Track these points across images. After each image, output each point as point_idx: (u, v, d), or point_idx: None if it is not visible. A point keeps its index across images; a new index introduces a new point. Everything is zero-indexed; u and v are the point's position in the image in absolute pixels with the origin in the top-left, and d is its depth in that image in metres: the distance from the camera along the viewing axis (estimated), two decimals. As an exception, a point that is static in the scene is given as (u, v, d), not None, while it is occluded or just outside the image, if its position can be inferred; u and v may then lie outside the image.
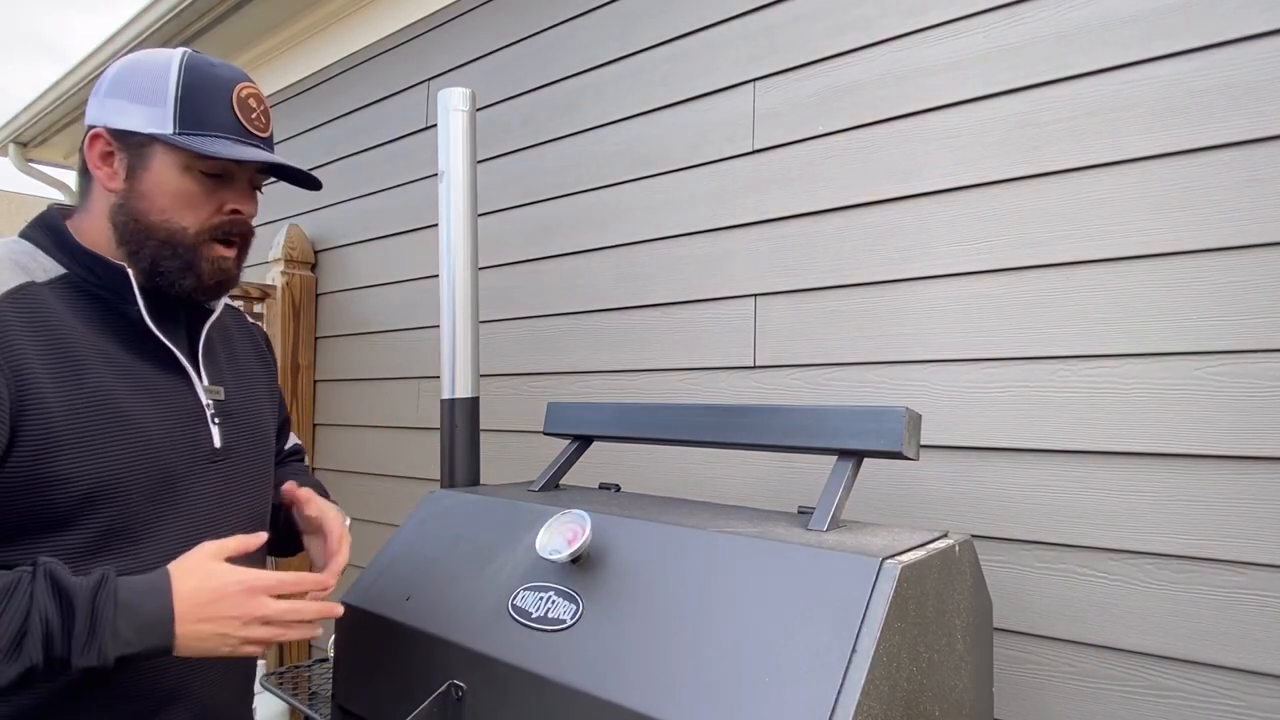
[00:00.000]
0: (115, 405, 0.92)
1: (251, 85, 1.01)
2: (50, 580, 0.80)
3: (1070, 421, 1.34)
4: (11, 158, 5.14)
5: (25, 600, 0.78)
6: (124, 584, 0.83)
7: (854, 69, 1.63)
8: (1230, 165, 1.23)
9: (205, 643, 0.85)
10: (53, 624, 0.78)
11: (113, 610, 0.80)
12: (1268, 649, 1.16)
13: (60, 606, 0.79)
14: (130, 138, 0.96)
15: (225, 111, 0.96)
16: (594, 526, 1.05)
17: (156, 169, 0.95)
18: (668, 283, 1.90)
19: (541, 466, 1.50)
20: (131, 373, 0.96)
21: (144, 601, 0.83)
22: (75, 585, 0.80)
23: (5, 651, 0.76)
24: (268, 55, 3.40)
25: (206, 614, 0.85)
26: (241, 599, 0.86)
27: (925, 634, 0.92)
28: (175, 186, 0.96)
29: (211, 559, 0.88)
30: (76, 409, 0.89)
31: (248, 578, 0.87)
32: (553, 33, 2.23)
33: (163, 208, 0.96)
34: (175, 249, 0.97)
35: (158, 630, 0.83)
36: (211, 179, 0.98)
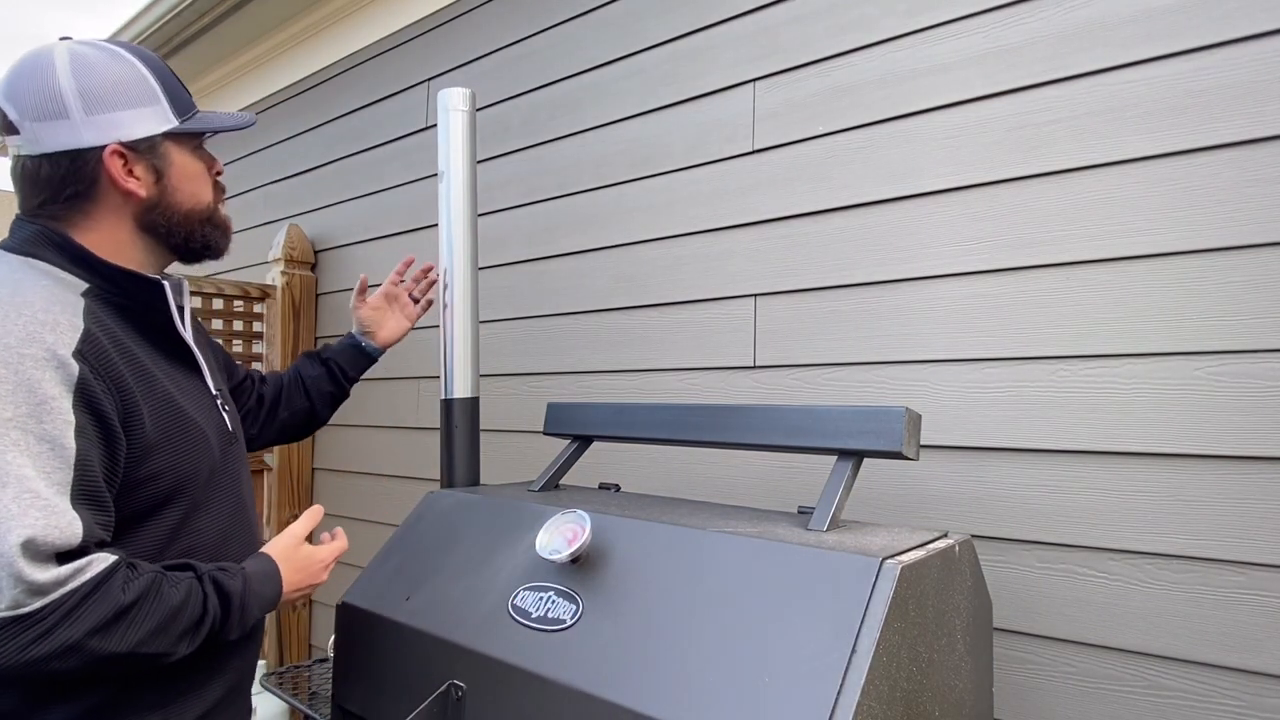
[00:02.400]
0: (178, 407, 1.03)
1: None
2: (215, 585, 0.98)
3: (1070, 421, 1.34)
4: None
5: (200, 602, 0.96)
6: (253, 577, 1.03)
7: (854, 69, 1.63)
8: (1230, 165, 1.23)
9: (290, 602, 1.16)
10: (218, 619, 0.98)
11: (253, 602, 1.02)
12: (1268, 649, 1.16)
13: (223, 605, 0.98)
14: (143, 144, 1.01)
15: (181, 87, 1.07)
16: (594, 526, 1.05)
17: (177, 161, 1.05)
18: (668, 283, 1.90)
19: (541, 466, 1.50)
20: (173, 374, 1.06)
21: (267, 589, 1.06)
22: (233, 589, 0.99)
23: (186, 635, 0.94)
24: (268, 55, 3.40)
25: (299, 586, 1.12)
26: (319, 573, 1.15)
27: (925, 634, 0.92)
28: (194, 169, 1.08)
29: (299, 543, 1.13)
30: (156, 413, 0.99)
31: (324, 556, 1.16)
32: (553, 32, 2.23)
33: (192, 192, 1.07)
34: (209, 219, 1.10)
35: (273, 604, 1.07)
36: (204, 152, 1.11)
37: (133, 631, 0.87)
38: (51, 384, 0.86)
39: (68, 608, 0.82)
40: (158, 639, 0.90)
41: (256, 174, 3.40)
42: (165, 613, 0.90)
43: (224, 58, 3.61)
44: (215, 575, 0.98)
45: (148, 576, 0.90)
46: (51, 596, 0.81)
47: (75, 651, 0.83)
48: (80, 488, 0.86)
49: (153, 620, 0.89)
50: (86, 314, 0.94)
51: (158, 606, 0.90)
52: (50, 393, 0.85)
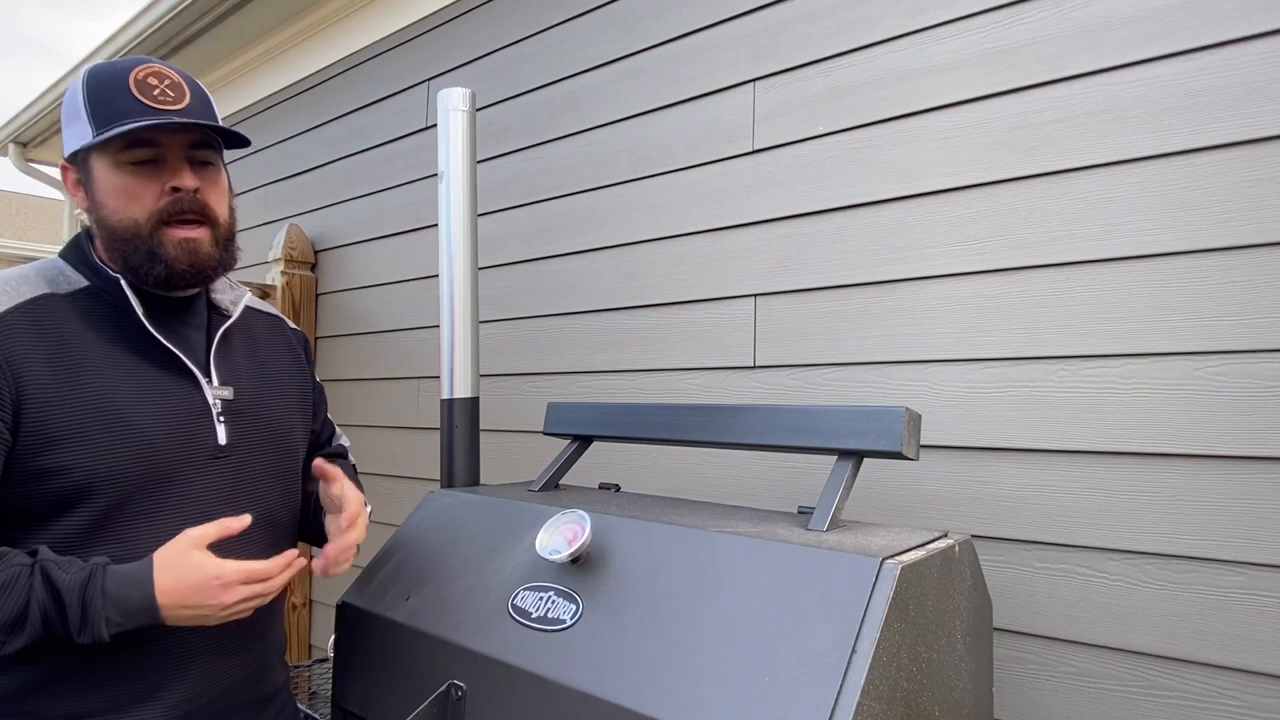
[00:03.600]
0: (112, 404, 1.00)
1: (151, 66, 1.04)
2: (44, 576, 0.92)
3: (1070, 421, 1.34)
4: (11, 158, 5.14)
5: (25, 592, 0.91)
6: (111, 576, 0.94)
7: (854, 69, 1.63)
8: (1230, 165, 1.23)
9: (185, 620, 0.98)
10: (49, 612, 0.91)
11: (100, 601, 0.92)
12: (1268, 649, 1.16)
13: (53, 599, 0.91)
14: (76, 158, 1.04)
15: (125, 99, 1.00)
16: (594, 526, 1.05)
17: (98, 175, 1.03)
18: (668, 283, 1.90)
19: (541, 466, 1.50)
20: (134, 374, 1.03)
21: (129, 593, 0.94)
22: (65, 582, 0.92)
23: (8, 629, 0.91)
24: (268, 55, 3.40)
25: (186, 603, 0.96)
26: (215, 591, 0.97)
27: (925, 634, 0.92)
28: (114, 184, 1.02)
29: (191, 549, 0.97)
30: (74, 407, 0.97)
31: (223, 572, 0.97)
32: (553, 33, 2.23)
33: (114, 208, 1.02)
34: (135, 243, 1.02)
35: (144, 614, 0.95)
36: (142, 167, 1.02)
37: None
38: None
39: None
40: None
41: (256, 174, 3.40)
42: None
43: (224, 58, 3.61)
44: (47, 565, 0.93)
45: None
46: None
47: None
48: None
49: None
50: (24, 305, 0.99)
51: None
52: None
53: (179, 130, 1.02)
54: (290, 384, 1.26)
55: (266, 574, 1.01)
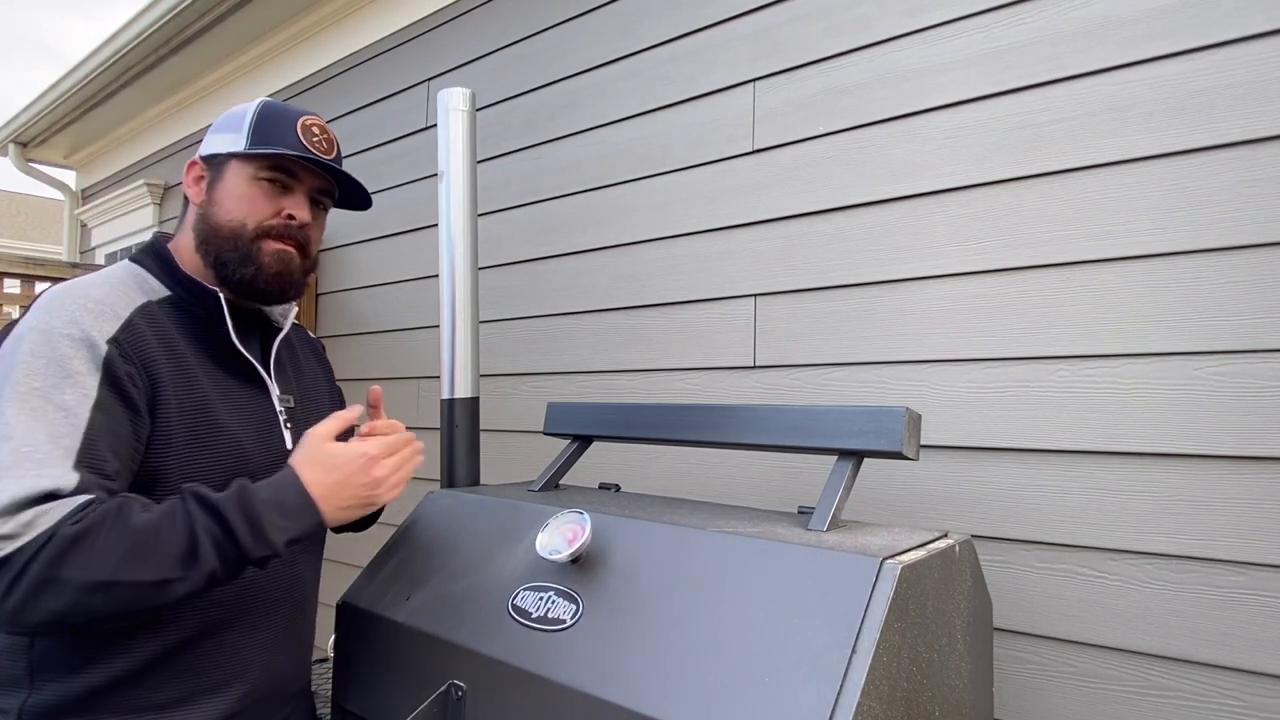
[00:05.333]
0: (211, 410, 1.07)
1: (315, 117, 1.18)
2: (197, 499, 0.94)
3: (1070, 421, 1.34)
4: (11, 158, 5.14)
5: (185, 519, 0.92)
6: (260, 487, 0.97)
7: (854, 69, 1.63)
8: (1230, 165, 1.23)
9: (350, 511, 1.03)
10: (216, 534, 0.92)
11: (261, 509, 0.94)
12: (1268, 649, 1.16)
13: (215, 519, 0.92)
14: (214, 159, 1.14)
15: (289, 134, 1.12)
16: (594, 526, 1.05)
17: (229, 179, 1.12)
18: (668, 283, 1.90)
19: (541, 466, 1.50)
20: (221, 384, 1.10)
21: (284, 495, 0.97)
22: (220, 500, 0.94)
23: (184, 561, 0.90)
24: (268, 55, 3.40)
25: (341, 491, 1.01)
26: (366, 468, 1.03)
27: (925, 634, 0.92)
28: (241, 191, 1.11)
29: (322, 443, 1.03)
30: (186, 412, 1.03)
31: (365, 449, 1.03)
32: (553, 33, 2.23)
33: (229, 210, 1.11)
34: (236, 243, 1.10)
35: (306, 513, 0.98)
36: (273, 186, 1.12)
37: (110, 554, 0.86)
38: (80, 361, 0.94)
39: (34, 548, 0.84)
40: (139, 562, 0.88)
41: (256, 174, 3.40)
42: (137, 530, 0.89)
43: (224, 58, 3.61)
44: (197, 489, 0.95)
45: (113, 501, 0.90)
46: (21, 540, 0.84)
47: (54, 584, 0.84)
48: (85, 454, 0.91)
49: (126, 539, 0.87)
50: (138, 311, 1.03)
51: (123, 526, 0.88)
52: (77, 369, 0.94)
53: (316, 172, 1.15)
54: (323, 391, 1.35)
55: (398, 444, 1.08)
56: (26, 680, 0.97)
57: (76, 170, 5.37)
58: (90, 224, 5.08)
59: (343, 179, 1.19)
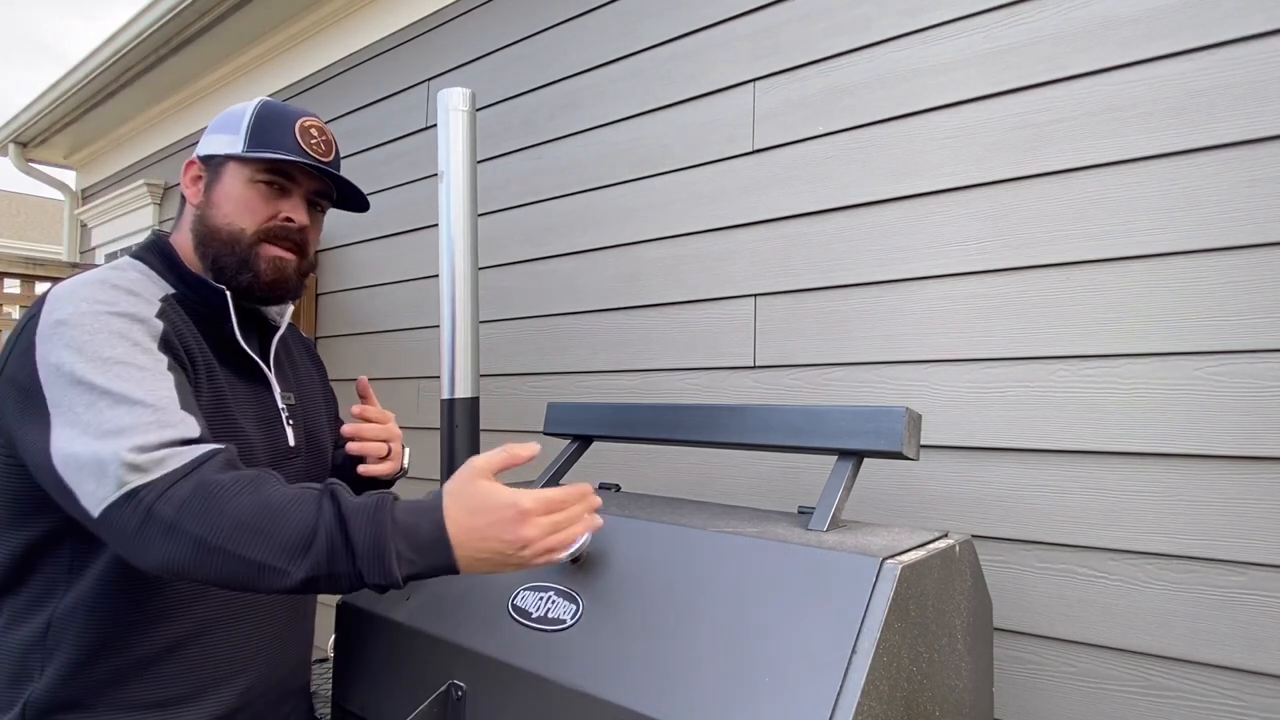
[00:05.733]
0: (228, 406, 1.07)
1: (313, 119, 1.17)
2: (333, 498, 0.86)
3: (1070, 421, 1.34)
4: (11, 158, 5.14)
5: (314, 512, 0.85)
6: (401, 507, 0.87)
7: (854, 69, 1.63)
8: (1230, 165, 1.23)
9: (487, 562, 0.87)
10: (335, 539, 0.83)
11: (391, 530, 0.84)
12: (1268, 649, 1.16)
13: (340, 526, 0.84)
14: (212, 160, 1.13)
15: (286, 135, 1.12)
16: (594, 526, 1.05)
17: (226, 181, 1.11)
18: (668, 283, 1.90)
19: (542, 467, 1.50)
20: (230, 381, 1.10)
21: (419, 523, 0.85)
22: (354, 506, 0.86)
23: (292, 552, 0.82)
24: (268, 55, 3.40)
25: (482, 538, 0.86)
26: (513, 523, 0.86)
27: (925, 634, 0.92)
28: (238, 194, 1.11)
29: (477, 477, 0.88)
30: (206, 404, 1.03)
31: (519, 500, 0.86)
32: (553, 33, 2.23)
33: (227, 213, 1.11)
34: (234, 247, 1.10)
35: (436, 551, 0.85)
36: (270, 189, 1.12)
37: (226, 519, 0.82)
38: (140, 334, 0.96)
39: (163, 486, 0.83)
40: (259, 539, 0.82)
41: (256, 174, 3.40)
42: (262, 505, 0.83)
43: (224, 58, 3.61)
44: (338, 489, 0.88)
45: (252, 471, 0.87)
46: (152, 475, 0.83)
47: (175, 534, 0.81)
48: (184, 400, 0.93)
49: (248, 510, 0.83)
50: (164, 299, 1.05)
51: (252, 494, 0.84)
52: (139, 339, 0.95)
53: (314, 175, 1.15)
54: (318, 390, 1.35)
55: (564, 501, 0.89)
56: (31, 675, 0.98)
57: (76, 170, 5.37)
58: (90, 224, 5.08)
59: (340, 181, 1.19)
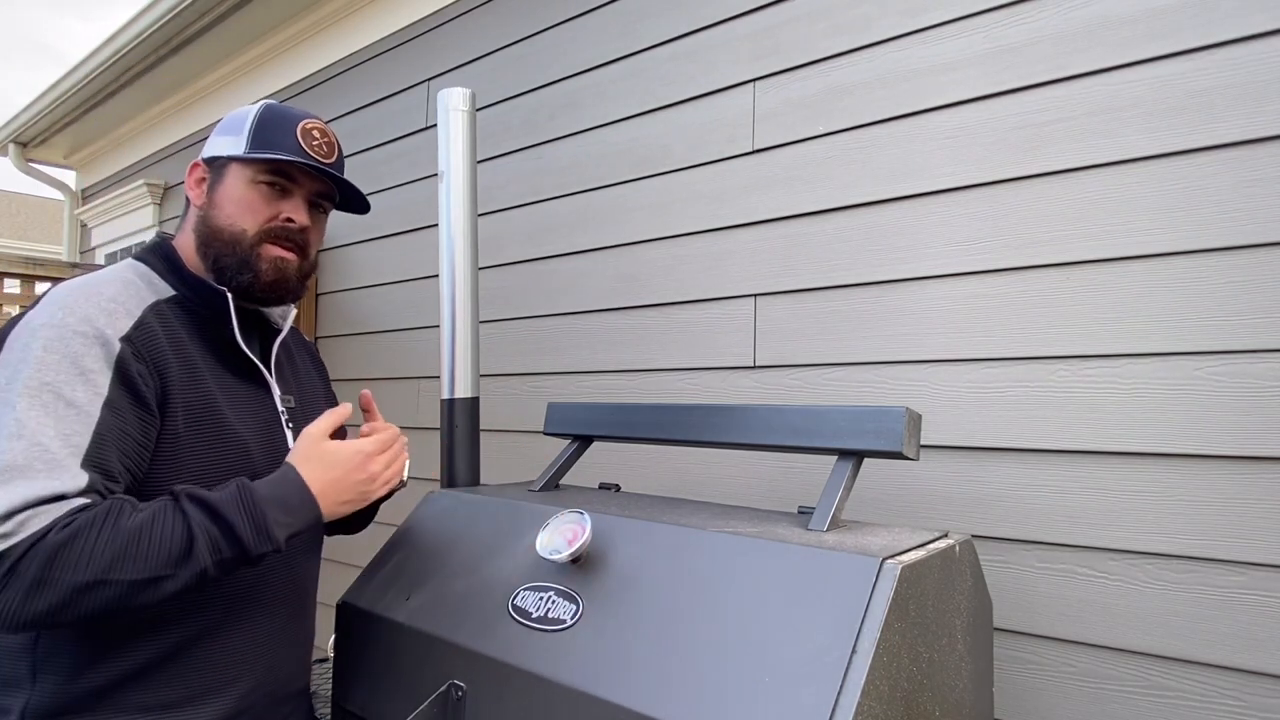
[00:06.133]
0: (219, 412, 1.07)
1: (316, 121, 1.18)
2: (193, 500, 0.94)
3: (1070, 421, 1.34)
4: (11, 158, 5.14)
5: (179, 518, 0.92)
6: (258, 486, 0.99)
7: (854, 69, 1.63)
8: (1230, 165, 1.23)
9: (347, 505, 1.06)
10: (212, 533, 0.93)
11: (263, 505, 0.96)
12: (1268, 649, 1.16)
13: (213, 518, 0.93)
14: (215, 162, 1.14)
15: (288, 137, 1.13)
16: (594, 526, 1.05)
17: (229, 182, 1.13)
18: (668, 283, 1.90)
19: (541, 466, 1.50)
20: (226, 384, 1.11)
21: (285, 492, 1.00)
22: (218, 499, 0.95)
23: (177, 560, 0.90)
24: (268, 55, 3.40)
25: (340, 488, 1.04)
26: (359, 467, 1.07)
27: (925, 634, 0.92)
28: (240, 195, 1.12)
29: (319, 441, 1.06)
30: (193, 412, 1.04)
31: (362, 446, 1.08)
32: (553, 33, 2.23)
33: (229, 214, 1.12)
34: (235, 248, 1.11)
35: (306, 509, 1.01)
36: (271, 190, 1.13)
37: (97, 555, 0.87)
38: (93, 359, 0.95)
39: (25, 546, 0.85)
40: (130, 562, 0.88)
41: (256, 174, 3.40)
42: (126, 531, 0.89)
43: (224, 58, 3.61)
44: (191, 490, 0.96)
45: (105, 503, 0.91)
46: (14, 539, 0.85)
47: (44, 584, 0.85)
48: (93, 453, 0.92)
49: (116, 539, 0.88)
50: (150, 309, 1.04)
51: (111, 525, 0.89)
52: (90, 366, 0.95)
53: (316, 176, 1.16)
54: (319, 393, 1.35)
55: (389, 441, 1.12)
56: (28, 680, 0.98)
57: (76, 170, 5.37)
58: (90, 224, 5.08)
59: (341, 183, 1.20)
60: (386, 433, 1.13)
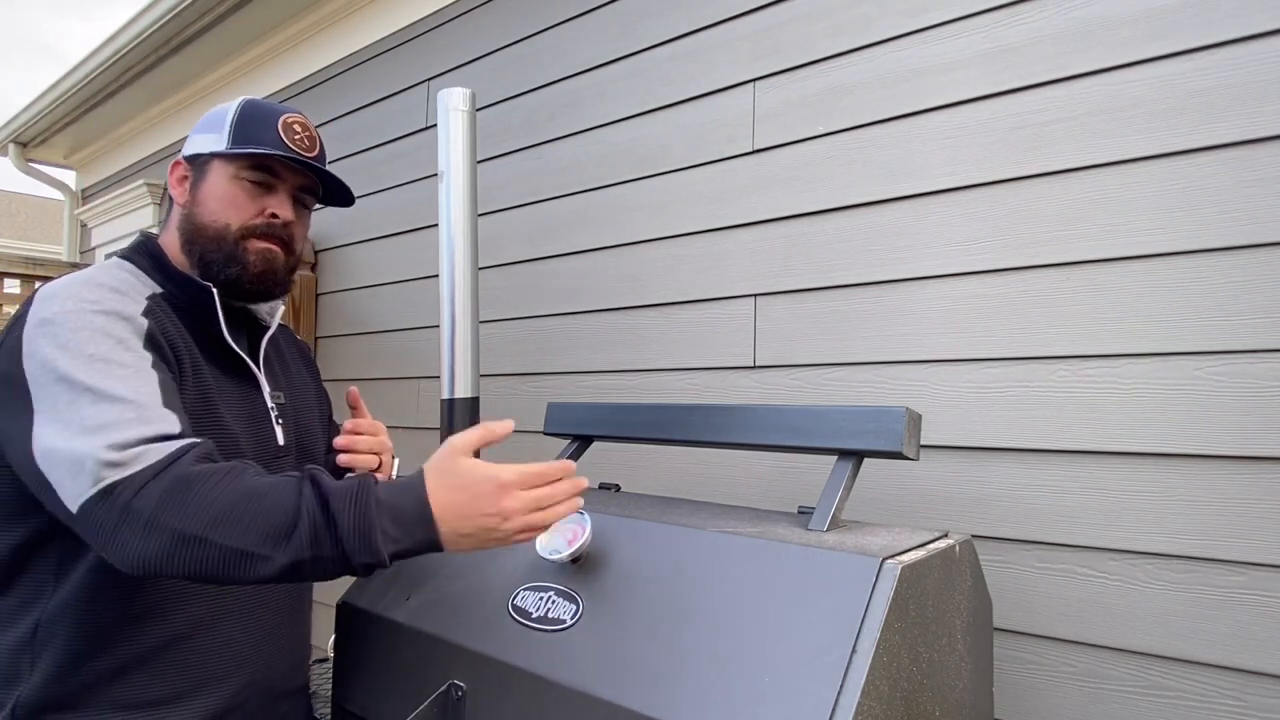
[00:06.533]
0: (210, 400, 1.07)
1: (297, 115, 1.17)
2: (313, 482, 0.87)
3: (1070, 421, 1.34)
4: (11, 158, 5.14)
5: (294, 496, 0.86)
6: (383, 487, 0.89)
7: (854, 69, 1.63)
8: (1230, 165, 1.23)
9: (471, 538, 0.89)
10: (318, 522, 0.85)
11: (374, 509, 0.86)
12: (1268, 649, 1.16)
13: (322, 507, 0.85)
14: (197, 159, 1.14)
15: (269, 132, 1.12)
16: (594, 526, 1.05)
17: (211, 179, 1.12)
18: (668, 283, 1.90)
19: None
20: (216, 378, 1.11)
21: (402, 500, 0.87)
22: (336, 488, 0.87)
23: (275, 538, 0.83)
24: (268, 55, 3.40)
25: (464, 513, 0.88)
26: (494, 497, 0.88)
27: (925, 634, 0.92)
28: (223, 191, 1.12)
29: (458, 454, 0.91)
30: (192, 401, 1.03)
31: (499, 474, 0.89)
32: (553, 33, 2.23)
33: (213, 210, 1.11)
34: (220, 243, 1.11)
35: (421, 527, 0.87)
36: (255, 186, 1.13)
37: (206, 510, 0.82)
38: (125, 332, 0.96)
39: (140, 482, 0.83)
40: (240, 527, 0.83)
41: (256, 174, 3.40)
42: (242, 493, 0.84)
43: (224, 58, 3.61)
44: (316, 474, 0.89)
45: (230, 462, 0.88)
46: (128, 471, 0.84)
47: (153, 529, 0.82)
48: (167, 398, 0.93)
49: (227, 498, 0.83)
50: (150, 298, 1.05)
51: (230, 483, 0.85)
52: (124, 336, 0.96)
53: (299, 170, 1.15)
54: (310, 391, 1.35)
55: (546, 476, 0.91)
56: (20, 676, 0.97)
57: (76, 170, 5.37)
58: (90, 224, 5.08)
59: (325, 176, 1.19)
60: (546, 466, 0.93)
